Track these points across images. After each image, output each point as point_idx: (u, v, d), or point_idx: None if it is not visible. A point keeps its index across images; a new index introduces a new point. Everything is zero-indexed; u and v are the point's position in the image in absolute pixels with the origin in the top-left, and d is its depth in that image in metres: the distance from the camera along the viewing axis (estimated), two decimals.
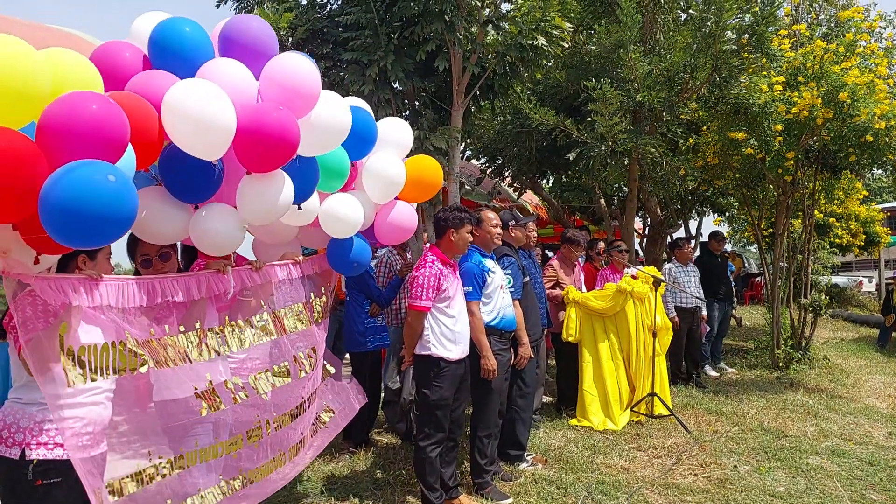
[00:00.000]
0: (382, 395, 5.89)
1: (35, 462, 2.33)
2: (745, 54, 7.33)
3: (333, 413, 3.95)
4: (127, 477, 2.51)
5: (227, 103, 2.63)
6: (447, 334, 4.13)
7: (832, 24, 9.14)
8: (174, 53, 2.81)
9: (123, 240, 3.02)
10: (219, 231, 2.90)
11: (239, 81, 2.83)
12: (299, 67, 2.88)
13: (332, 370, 3.99)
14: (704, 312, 8.47)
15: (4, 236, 2.16)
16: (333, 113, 3.09)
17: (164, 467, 2.67)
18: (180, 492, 2.75)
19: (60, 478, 2.35)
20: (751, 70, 7.58)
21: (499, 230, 4.68)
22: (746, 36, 7.22)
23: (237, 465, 3.11)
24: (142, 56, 2.83)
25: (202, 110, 2.50)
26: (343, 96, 5.92)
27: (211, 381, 2.91)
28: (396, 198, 3.93)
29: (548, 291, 6.47)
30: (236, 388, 3.06)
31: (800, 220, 10.39)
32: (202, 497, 2.84)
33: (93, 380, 2.38)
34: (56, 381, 2.30)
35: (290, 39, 6.13)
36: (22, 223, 2.19)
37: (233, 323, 3.14)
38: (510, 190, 11.56)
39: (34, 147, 2.07)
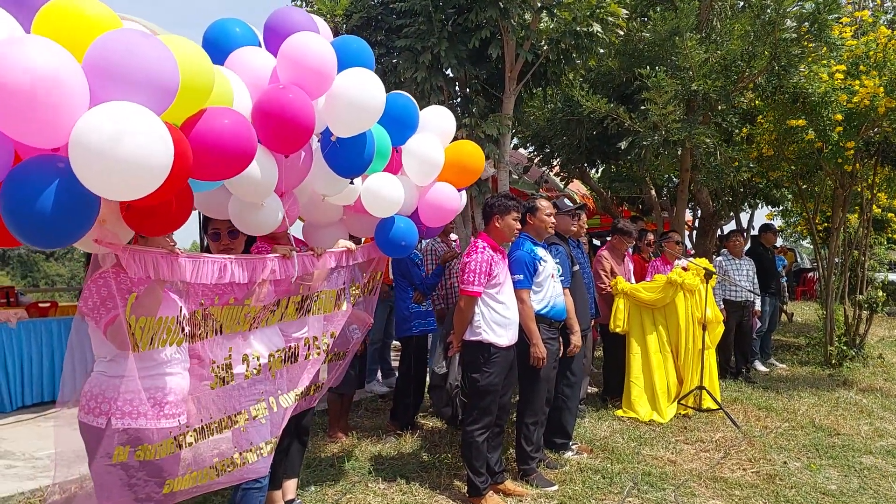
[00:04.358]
0: (428, 379, 5.96)
1: (120, 430, 2.46)
2: (806, 43, 7.13)
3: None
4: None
5: (239, 88, 2.71)
6: (498, 320, 4.15)
7: None
8: (223, 51, 2.90)
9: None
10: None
11: (258, 67, 2.88)
12: (309, 45, 2.87)
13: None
14: (758, 307, 8.31)
15: (106, 208, 2.26)
16: (359, 88, 3.01)
17: (191, 436, 2.76)
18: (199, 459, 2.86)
19: (141, 444, 2.48)
20: (810, 59, 7.37)
21: (553, 219, 4.68)
22: (807, 24, 7.02)
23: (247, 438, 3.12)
24: None
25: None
26: (396, 83, 6.05)
27: (230, 355, 2.99)
28: (439, 180, 3.98)
29: (598, 285, 6.44)
30: (250, 365, 3.11)
31: (856, 215, 10.10)
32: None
33: (141, 350, 2.49)
34: (141, 356, 2.43)
35: (345, 26, 6.19)
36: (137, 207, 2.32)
37: (280, 301, 3.23)
38: (557, 179, 11.48)
39: (187, 142, 2.23)
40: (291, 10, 3.16)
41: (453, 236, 6.91)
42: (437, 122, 3.96)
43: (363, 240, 4.10)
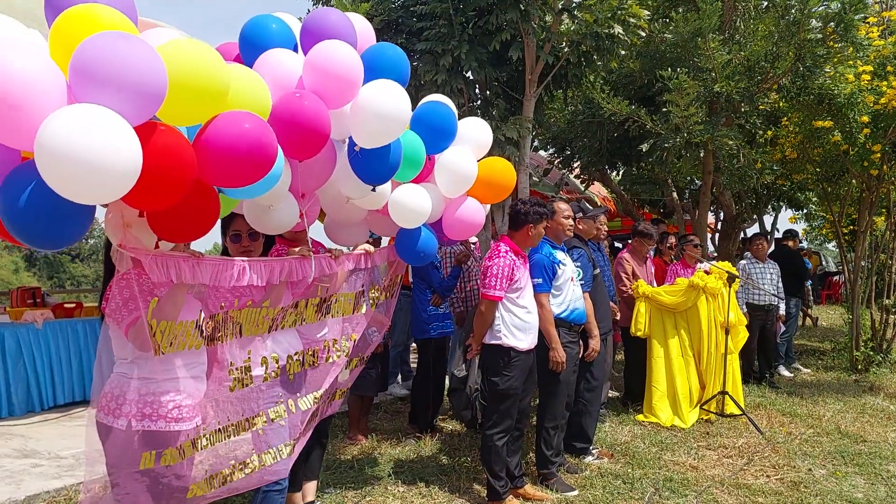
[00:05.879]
0: (448, 382, 5.95)
1: (140, 432, 2.48)
2: (831, 43, 7.03)
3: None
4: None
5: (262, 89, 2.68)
6: (518, 324, 4.14)
7: None
8: (260, 48, 2.90)
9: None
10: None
11: (286, 71, 2.87)
12: (335, 54, 2.86)
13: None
14: (782, 311, 8.20)
15: (131, 212, 2.27)
16: (383, 101, 2.98)
17: (206, 439, 2.77)
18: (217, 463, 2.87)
19: (164, 448, 2.50)
20: (836, 60, 7.27)
21: (571, 222, 4.65)
22: (832, 24, 6.92)
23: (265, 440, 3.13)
24: (236, 53, 2.94)
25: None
26: (416, 86, 6.04)
27: (249, 358, 2.99)
28: (467, 195, 3.94)
29: (619, 287, 6.41)
30: (269, 367, 3.11)
31: (883, 218, 9.95)
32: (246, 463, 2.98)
33: (162, 353, 2.51)
34: (161, 358, 2.46)
35: None
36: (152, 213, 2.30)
37: (299, 303, 3.25)
38: (577, 181, 11.42)
39: (190, 148, 2.18)
40: (329, 11, 3.13)
41: (473, 239, 6.89)
42: (474, 133, 3.89)
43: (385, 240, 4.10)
